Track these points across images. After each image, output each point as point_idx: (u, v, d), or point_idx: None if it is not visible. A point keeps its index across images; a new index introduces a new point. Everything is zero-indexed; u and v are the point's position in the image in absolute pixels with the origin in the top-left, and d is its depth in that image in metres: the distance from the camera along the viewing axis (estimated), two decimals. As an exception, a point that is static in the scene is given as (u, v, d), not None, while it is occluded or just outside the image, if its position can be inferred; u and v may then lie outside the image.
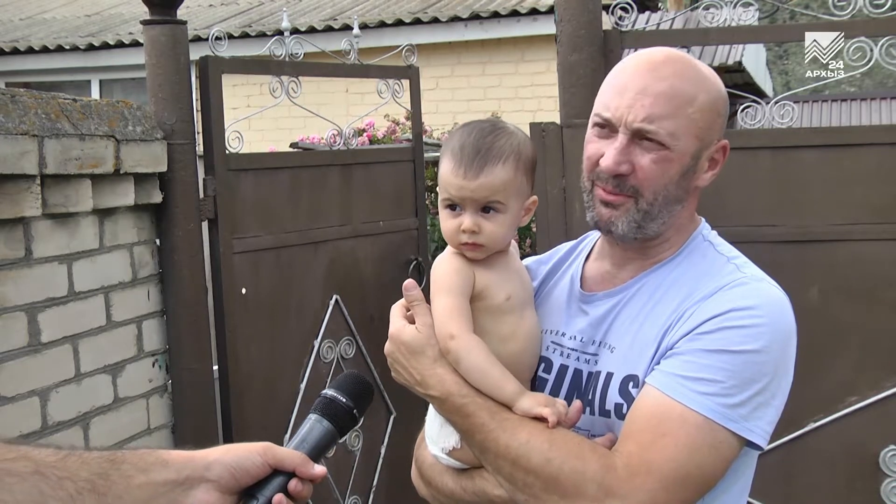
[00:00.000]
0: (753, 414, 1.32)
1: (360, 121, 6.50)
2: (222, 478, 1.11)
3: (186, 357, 2.93)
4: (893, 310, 2.59)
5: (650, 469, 1.28)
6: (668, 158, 1.41)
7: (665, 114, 1.40)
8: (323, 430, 1.22)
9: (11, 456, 1.01)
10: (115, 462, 1.07)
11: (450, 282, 1.45)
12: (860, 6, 2.57)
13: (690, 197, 1.48)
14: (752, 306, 1.35)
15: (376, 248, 3.63)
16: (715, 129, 1.45)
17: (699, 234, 1.51)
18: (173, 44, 2.87)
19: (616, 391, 1.41)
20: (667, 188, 1.43)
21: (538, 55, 8.77)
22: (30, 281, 2.42)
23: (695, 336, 1.35)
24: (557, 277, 1.62)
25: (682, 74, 1.42)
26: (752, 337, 1.33)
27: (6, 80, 9.69)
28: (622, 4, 2.72)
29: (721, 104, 1.46)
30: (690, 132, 1.41)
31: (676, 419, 1.30)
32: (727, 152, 1.49)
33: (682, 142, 1.41)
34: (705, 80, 1.44)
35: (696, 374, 1.32)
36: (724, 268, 1.43)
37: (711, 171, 1.48)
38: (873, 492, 2.62)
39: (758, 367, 1.33)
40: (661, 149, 1.41)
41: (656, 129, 1.40)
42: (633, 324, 1.44)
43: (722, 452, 1.31)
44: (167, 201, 2.88)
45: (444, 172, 1.47)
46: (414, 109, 3.84)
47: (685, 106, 1.41)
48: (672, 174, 1.42)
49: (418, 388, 1.45)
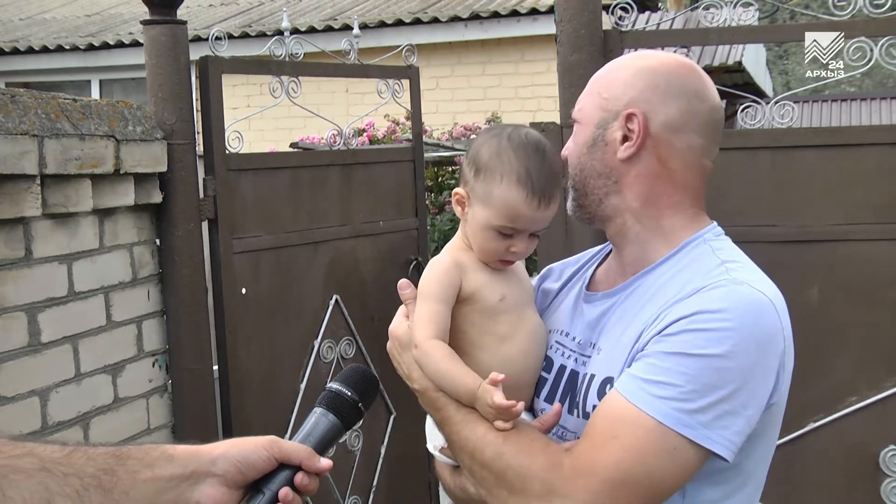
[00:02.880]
0: (716, 422, 1.26)
1: (360, 121, 6.50)
2: (228, 472, 1.11)
3: (186, 357, 2.93)
4: (893, 310, 2.59)
5: (594, 470, 1.26)
6: (577, 130, 1.51)
7: (581, 99, 1.53)
8: (328, 423, 1.22)
9: (17, 452, 1.01)
10: (121, 458, 1.07)
11: (430, 288, 1.48)
12: (860, 6, 2.57)
13: (626, 177, 1.45)
14: (721, 309, 1.28)
15: (376, 248, 3.63)
16: (624, 100, 1.45)
17: (699, 236, 1.46)
18: (173, 44, 2.87)
19: (595, 393, 1.40)
20: (580, 159, 1.49)
21: (538, 55, 8.78)
22: (30, 281, 2.42)
23: (660, 338, 1.31)
24: (576, 280, 1.63)
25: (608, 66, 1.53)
26: (716, 341, 1.26)
27: (6, 80, 9.69)
28: (622, 4, 2.71)
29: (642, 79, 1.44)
30: (593, 104, 1.49)
31: (630, 422, 1.27)
32: (642, 123, 1.42)
33: (586, 115, 1.49)
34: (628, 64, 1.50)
35: (654, 377, 1.28)
36: (713, 270, 1.36)
37: (627, 143, 1.44)
38: (873, 492, 2.62)
39: (720, 373, 1.26)
40: (574, 125, 1.52)
41: (574, 111, 1.53)
42: (620, 325, 1.42)
43: (677, 459, 1.26)
44: (167, 201, 2.87)
45: (515, 202, 1.44)
46: (414, 109, 3.84)
47: (593, 85, 1.51)
48: (580, 143, 1.50)
49: (408, 382, 1.50)
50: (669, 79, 1.44)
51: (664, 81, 1.44)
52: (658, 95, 1.43)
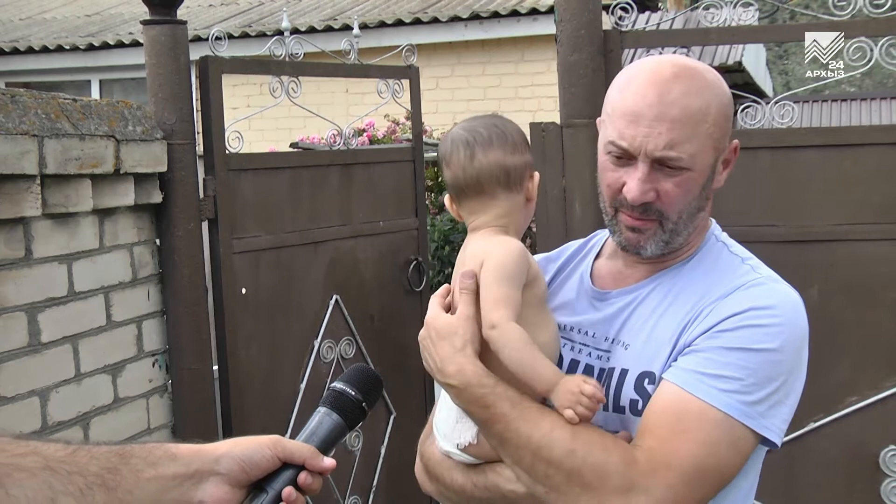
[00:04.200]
0: (770, 412, 1.34)
1: (360, 121, 6.50)
2: (232, 471, 1.11)
3: (186, 357, 2.93)
4: (893, 310, 2.59)
5: (670, 464, 1.29)
6: (691, 178, 1.42)
7: (684, 138, 1.39)
8: (332, 423, 1.22)
9: (21, 451, 1.02)
10: (125, 456, 1.07)
11: (509, 270, 1.44)
12: (860, 6, 2.57)
13: (710, 201, 1.51)
14: (771, 305, 1.37)
15: (376, 248, 3.63)
16: (727, 134, 1.45)
17: (712, 234, 1.53)
18: (173, 44, 2.87)
19: (631, 387, 1.42)
20: (690, 204, 1.44)
21: (538, 55, 8.77)
22: (30, 281, 2.42)
23: (714, 334, 1.36)
24: (566, 275, 1.62)
25: (692, 91, 1.40)
26: (771, 336, 1.35)
27: (6, 80, 9.69)
28: (622, 4, 2.71)
29: (730, 107, 1.46)
30: (708, 146, 1.42)
31: (695, 415, 1.31)
32: (738, 150, 1.50)
33: (701, 159, 1.42)
34: (714, 89, 1.43)
35: (715, 371, 1.33)
36: (739, 268, 1.45)
37: (726, 171, 1.50)
38: (873, 492, 2.62)
39: (775, 366, 1.34)
40: (683, 172, 1.41)
41: (678, 154, 1.39)
42: (647, 321, 1.45)
43: (740, 449, 1.33)
44: (167, 201, 2.88)
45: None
46: (414, 109, 3.84)
47: (700, 124, 1.40)
48: (695, 191, 1.44)
49: (437, 376, 1.45)
50: (729, 98, 1.47)
51: (727, 100, 1.46)
52: (730, 118, 1.48)
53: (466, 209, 1.56)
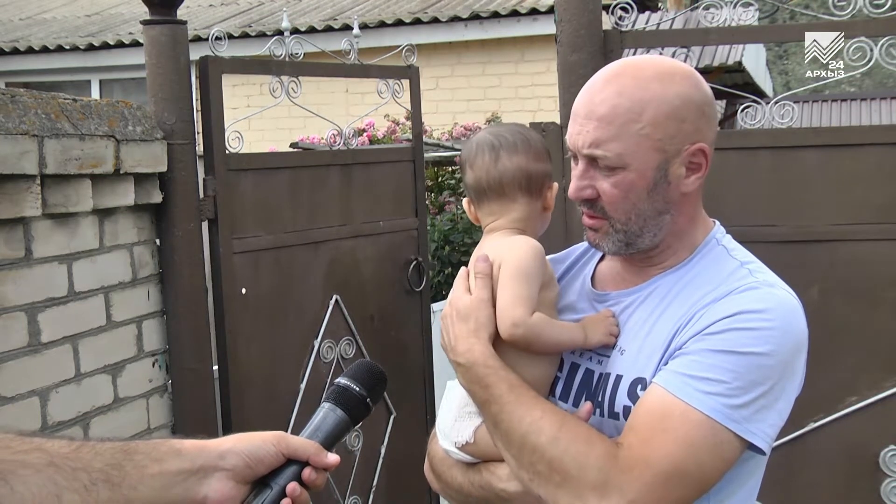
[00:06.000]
0: (755, 416, 1.32)
1: (360, 121, 6.50)
2: (237, 467, 1.12)
3: (186, 357, 2.93)
4: (893, 310, 2.59)
5: (648, 462, 1.29)
6: (627, 179, 1.41)
7: (610, 136, 1.39)
8: (336, 418, 1.22)
9: (25, 448, 1.02)
10: (129, 452, 1.07)
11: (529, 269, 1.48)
12: (860, 6, 2.57)
13: (680, 204, 1.46)
14: (762, 310, 1.35)
15: (376, 248, 3.62)
16: (680, 136, 1.41)
17: (713, 237, 1.50)
18: (173, 44, 2.87)
19: (625, 394, 1.41)
20: (636, 206, 1.42)
21: (538, 55, 8.77)
22: (30, 281, 2.42)
23: (702, 336, 1.35)
24: (571, 276, 1.63)
25: (625, 91, 1.39)
26: (761, 340, 1.33)
27: (6, 80, 9.69)
28: (622, 4, 2.71)
29: (686, 109, 1.41)
30: (644, 147, 1.39)
31: (678, 416, 1.31)
32: (708, 153, 1.44)
33: (637, 159, 1.39)
34: (657, 91, 1.39)
35: (701, 374, 1.32)
36: (736, 272, 1.43)
37: (695, 175, 1.44)
38: (873, 492, 2.62)
39: (763, 370, 1.32)
40: (616, 171, 1.41)
41: (603, 153, 1.40)
42: (643, 327, 1.44)
43: (722, 453, 1.31)
44: (167, 201, 2.87)
45: None
46: (414, 109, 3.84)
47: (630, 123, 1.38)
48: (638, 192, 1.41)
49: (450, 354, 1.49)
50: (706, 99, 1.44)
51: (704, 102, 1.44)
52: (706, 121, 1.44)
53: (486, 210, 1.59)
